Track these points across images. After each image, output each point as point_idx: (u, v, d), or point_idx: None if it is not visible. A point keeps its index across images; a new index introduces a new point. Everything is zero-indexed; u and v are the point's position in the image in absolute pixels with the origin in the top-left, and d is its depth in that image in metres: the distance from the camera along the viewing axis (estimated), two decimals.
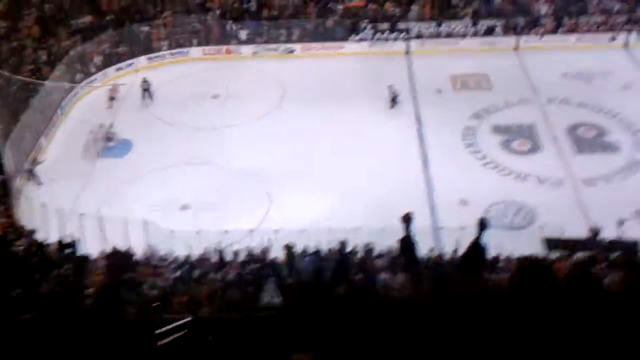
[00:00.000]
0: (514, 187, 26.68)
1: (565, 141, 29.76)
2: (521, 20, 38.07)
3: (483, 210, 25.77)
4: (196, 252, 23.41)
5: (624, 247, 20.93)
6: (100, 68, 36.07)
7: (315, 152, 29.33)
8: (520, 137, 30.15)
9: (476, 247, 15.91)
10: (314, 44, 38.37)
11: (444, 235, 24.31)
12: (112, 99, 33.96)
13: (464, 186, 27.06)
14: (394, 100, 32.33)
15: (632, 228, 23.07)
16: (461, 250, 23.09)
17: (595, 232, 21.96)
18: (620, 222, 23.81)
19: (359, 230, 22.79)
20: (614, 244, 21.50)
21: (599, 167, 28.15)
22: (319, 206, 26.02)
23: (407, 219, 16.35)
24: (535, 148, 29.53)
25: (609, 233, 21.89)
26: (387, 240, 23.65)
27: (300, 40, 38.70)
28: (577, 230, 22.52)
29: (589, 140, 29.88)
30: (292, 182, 27.49)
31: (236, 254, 23.68)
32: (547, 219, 24.01)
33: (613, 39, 37.34)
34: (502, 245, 22.56)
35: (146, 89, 33.93)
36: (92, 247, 21.51)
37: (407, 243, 16.23)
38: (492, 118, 31.57)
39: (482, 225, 15.58)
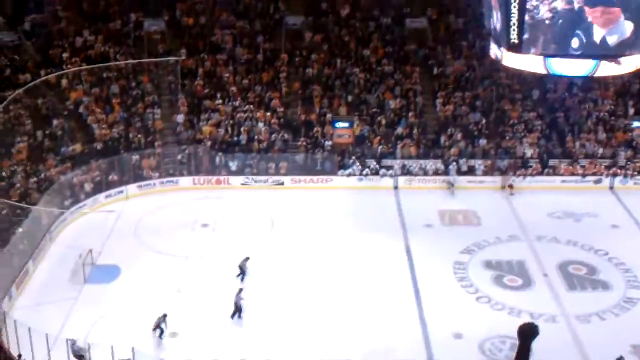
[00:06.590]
0: (508, 322, 26.28)
1: (556, 278, 29.75)
2: (506, 162, 38.81)
3: (477, 344, 25.50)
4: None
5: None
6: (89, 195, 36.00)
7: (304, 284, 29.11)
8: (511, 273, 30.12)
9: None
10: (302, 177, 38.78)
11: None
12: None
13: (458, 320, 26.82)
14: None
15: None
16: None
17: None
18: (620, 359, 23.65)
19: None
20: None
21: (591, 304, 28.06)
22: (309, 340, 25.58)
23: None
24: (526, 284, 29.44)
25: None
26: None
27: (289, 172, 39.08)
28: None
29: (580, 278, 29.89)
30: (279, 315, 27.22)
31: None
32: (544, 355, 23.66)
33: (598, 181, 38.14)
34: None
35: (242, 272, 29.80)
36: None
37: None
38: (482, 253, 31.60)
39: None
